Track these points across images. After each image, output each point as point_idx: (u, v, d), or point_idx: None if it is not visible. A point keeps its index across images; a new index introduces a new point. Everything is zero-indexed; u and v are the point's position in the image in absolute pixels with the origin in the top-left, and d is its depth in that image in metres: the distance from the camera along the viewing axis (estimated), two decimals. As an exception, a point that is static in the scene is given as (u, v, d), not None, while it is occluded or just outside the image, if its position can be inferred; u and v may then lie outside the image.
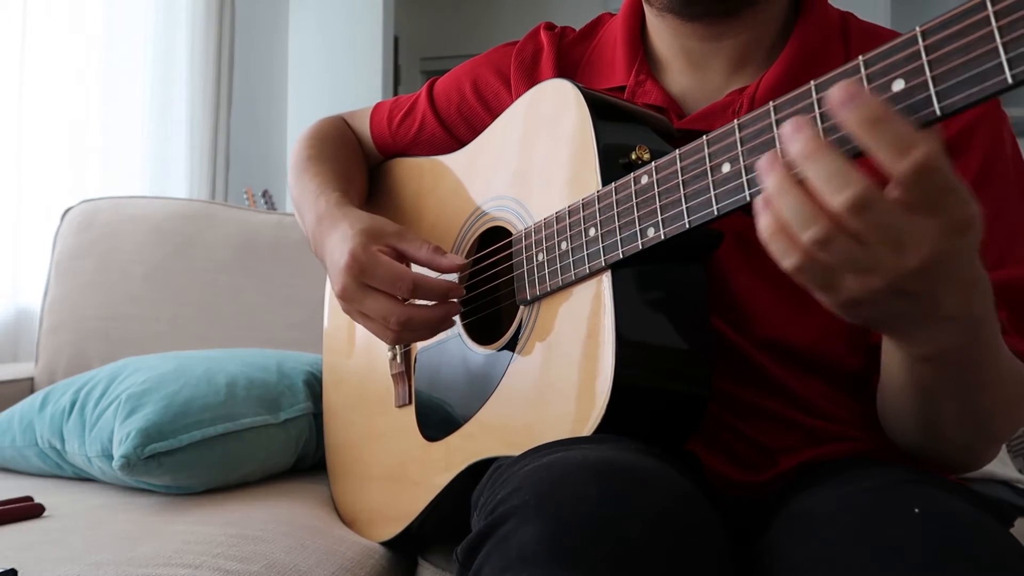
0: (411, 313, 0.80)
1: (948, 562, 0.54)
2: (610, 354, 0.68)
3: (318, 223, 0.90)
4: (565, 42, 0.95)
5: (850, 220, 0.48)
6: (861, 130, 0.47)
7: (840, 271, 0.51)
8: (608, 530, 0.54)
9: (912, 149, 0.46)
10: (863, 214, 0.48)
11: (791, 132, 0.50)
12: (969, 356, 0.61)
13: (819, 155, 0.49)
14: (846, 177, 0.48)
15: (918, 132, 0.47)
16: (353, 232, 0.82)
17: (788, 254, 0.51)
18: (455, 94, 1.01)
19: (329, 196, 0.92)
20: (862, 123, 0.47)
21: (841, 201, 0.48)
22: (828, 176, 0.48)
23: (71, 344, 1.54)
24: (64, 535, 0.89)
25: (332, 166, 1.02)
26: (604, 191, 0.70)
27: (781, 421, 0.79)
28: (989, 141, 0.76)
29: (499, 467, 0.71)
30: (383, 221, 0.85)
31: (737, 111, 0.80)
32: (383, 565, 0.94)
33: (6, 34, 1.88)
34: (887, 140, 0.47)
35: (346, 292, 0.81)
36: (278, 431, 1.13)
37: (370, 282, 0.80)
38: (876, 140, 0.47)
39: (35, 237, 1.90)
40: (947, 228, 0.49)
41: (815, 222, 0.49)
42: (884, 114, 0.47)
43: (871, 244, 0.49)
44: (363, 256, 0.80)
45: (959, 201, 0.49)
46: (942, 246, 0.49)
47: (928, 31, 0.48)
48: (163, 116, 2.51)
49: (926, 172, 0.47)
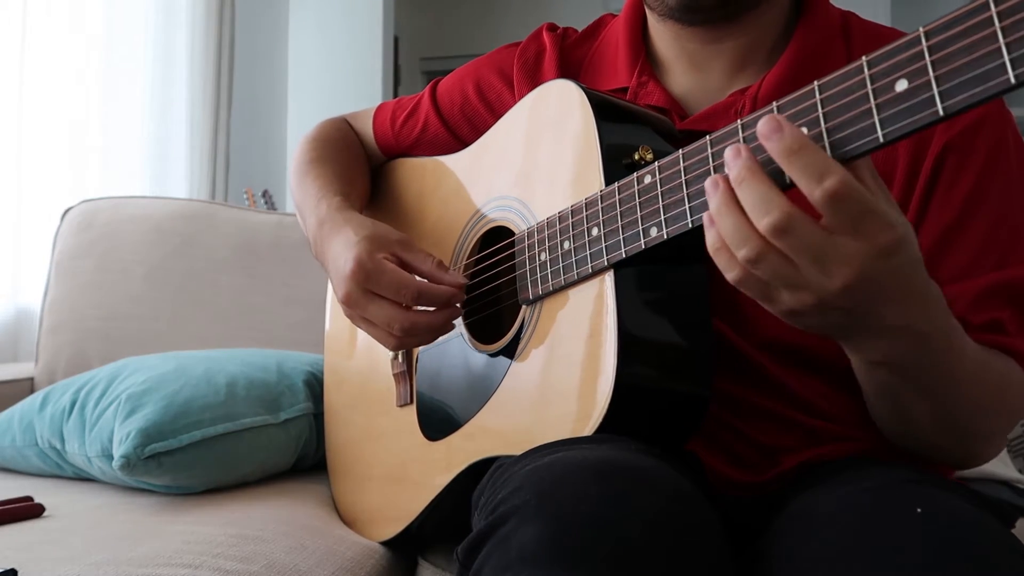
0: (414, 319, 0.80)
1: (949, 562, 0.54)
2: (612, 354, 0.68)
3: (319, 227, 0.91)
4: (567, 43, 0.96)
5: (775, 241, 0.53)
6: (782, 160, 0.52)
7: (774, 286, 0.55)
8: (608, 530, 0.54)
9: (825, 177, 0.51)
10: (785, 237, 0.52)
11: (731, 158, 0.55)
12: (921, 362, 0.64)
13: (749, 180, 0.53)
14: (770, 202, 0.52)
15: (832, 161, 0.51)
16: (358, 238, 0.82)
17: (728, 268, 0.57)
18: (458, 95, 1.01)
19: (331, 200, 0.93)
20: (782, 153, 0.52)
21: (765, 224, 0.52)
22: (755, 201, 0.53)
23: (71, 344, 1.54)
24: (64, 535, 0.89)
25: (334, 168, 1.02)
26: (607, 191, 0.70)
27: (781, 421, 0.79)
28: (993, 141, 0.76)
29: (500, 467, 0.71)
30: (387, 228, 0.85)
31: (739, 111, 0.80)
32: (383, 565, 0.94)
33: (6, 34, 1.88)
34: (802, 169, 0.51)
35: (350, 298, 0.82)
36: (278, 431, 1.13)
37: (374, 289, 0.80)
38: (794, 169, 0.52)
39: (35, 237, 1.90)
40: (872, 251, 0.53)
41: (747, 242, 0.54)
42: (801, 145, 0.51)
43: (798, 264, 0.53)
44: (368, 263, 0.80)
45: (882, 225, 0.53)
46: (867, 267, 0.53)
47: (932, 31, 0.48)
48: (163, 116, 2.51)
49: (838, 199, 0.51)
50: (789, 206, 0.52)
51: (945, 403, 0.68)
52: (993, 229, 0.75)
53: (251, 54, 3.12)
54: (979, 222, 0.75)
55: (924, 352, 0.63)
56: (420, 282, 0.80)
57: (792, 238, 0.52)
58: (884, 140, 0.51)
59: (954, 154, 0.76)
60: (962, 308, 0.73)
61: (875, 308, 0.57)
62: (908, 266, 0.56)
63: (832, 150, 0.53)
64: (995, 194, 0.76)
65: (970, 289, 0.74)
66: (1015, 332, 0.74)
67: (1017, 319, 0.74)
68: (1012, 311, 0.74)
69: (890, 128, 0.50)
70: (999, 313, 0.74)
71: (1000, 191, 0.76)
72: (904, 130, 0.50)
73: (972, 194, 0.75)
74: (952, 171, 0.76)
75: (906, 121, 0.49)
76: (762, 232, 0.53)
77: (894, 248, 0.53)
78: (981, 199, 0.75)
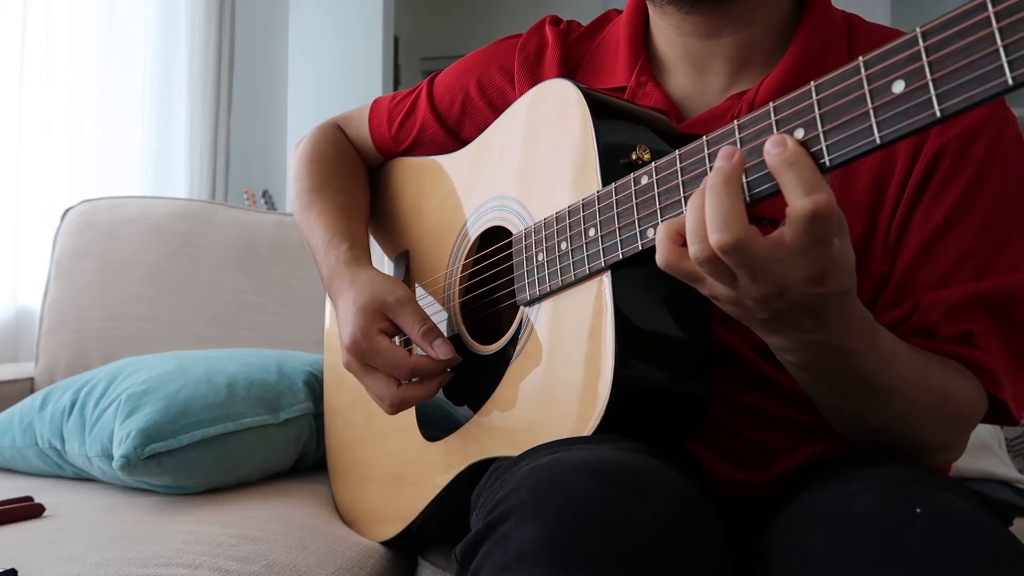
0: (405, 396, 0.84)
1: (949, 562, 0.54)
2: (610, 354, 0.68)
3: (331, 280, 0.93)
4: (571, 39, 0.95)
5: (721, 256, 0.56)
6: (778, 169, 0.54)
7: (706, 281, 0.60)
8: (607, 530, 0.54)
9: (814, 192, 0.53)
10: (730, 255, 0.56)
11: (720, 158, 0.57)
12: (836, 370, 0.67)
13: (719, 191, 0.56)
14: (727, 222, 0.55)
15: (824, 182, 0.54)
16: (355, 309, 0.85)
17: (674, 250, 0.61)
18: (459, 92, 1.00)
19: (339, 249, 0.94)
20: (782, 163, 0.54)
21: (715, 240, 0.55)
22: (714, 214, 0.55)
23: (71, 344, 1.54)
24: (64, 535, 0.89)
25: (336, 199, 1.02)
26: (604, 191, 0.70)
27: (780, 421, 0.79)
28: (989, 145, 0.75)
29: (499, 467, 0.71)
30: (385, 291, 0.86)
31: (737, 116, 0.79)
32: (383, 565, 0.94)
33: (6, 34, 1.88)
34: (796, 181, 0.53)
35: (350, 368, 0.87)
36: (278, 431, 1.13)
37: (371, 363, 0.84)
38: (788, 179, 0.54)
39: (35, 237, 1.90)
40: (805, 277, 0.57)
41: (699, 243, 0.57)
42: (798, 158, 0.54)
43: (737, 275, 0.57)
44: (363, 342, 0.84)
45: (825, 256, 0.56)
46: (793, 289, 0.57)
47: (929, 32, 0.48)
48: (163, 116, 2.52)
49: (818, 217, 0.53)
50: (743, 230, 0.55)
51: (866, 408, 0.71)
52: (976, 239, 0.75)
53: (251, 54, 3.12)
54: (962, 231, 0.75)
55: (839, 363, 0.66)
56: (413, 361, 0.83)
57: (737, 256, 0.55)
58: (881, 142, 0.51)
59: (947, 158, 0.75)
60: (935, 318, 0.74)
61: (787, 318, 0.61)
62: (836, 297, 0.60)
63: (829, 152, 0.53)
64: (983, 203, 0.75)
65: (945, 299, 0.74)
66: (983, 345, 0.74)
67: (990, 330, 0.74)
68: (990, 321, 0.74)
69: (887, 130, 0.50)
70: (972, 324, 0.74)
71: (989, 198, 0.75)
72: (901, 132, 0.50)
73: (959, 203, 0.75)
74: (943, 176, 0.75)
75: (904, 123, 0.49)
76: (712, 245, 0.56)
77: (821, 279, 0.57)
78: (968, 208, 0.75)
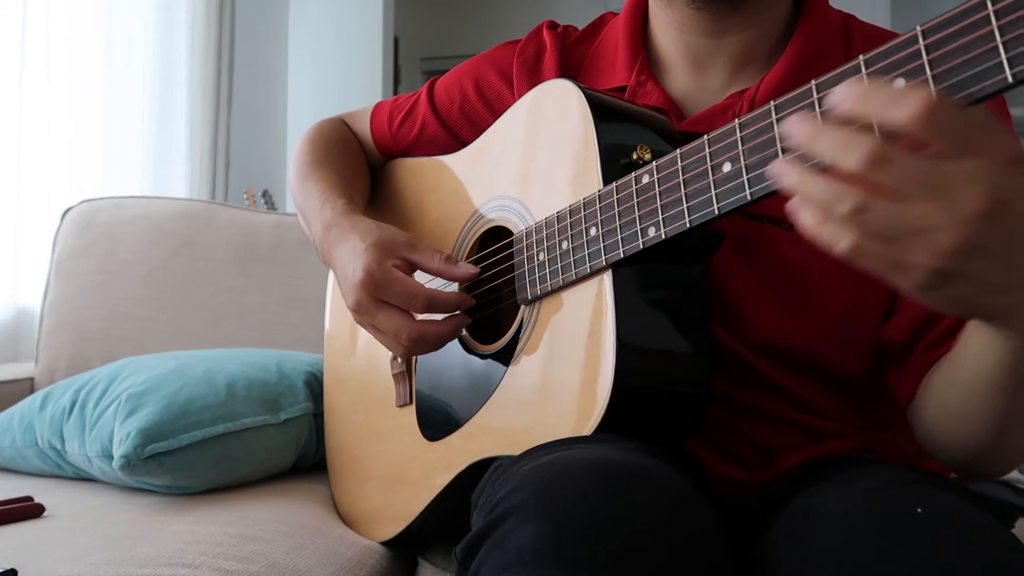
0: (422, 329, 0.80)
1: (949, 562, 0.54)
2: (611, 354, 0.68)
3: (326, 232, 0.90)
4: (568, 42, 0.95)
5: (876, 176, 0.46)
6: (859, 107, 0.47)
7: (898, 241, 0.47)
8: (607, 530, 0.54)
9: (904, 99, 0.45)
10: (884, 167, 0.45)
11: (794, 126, 0.49)
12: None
13: (823, 133, 0.48)
14: (853, 141, 0.46)
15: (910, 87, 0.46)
16: (365, 246, 0.82)
17: (838, 237, 0.48)
18: (457, 94, 1.01)
19: (335, 203, 0.92)
20: (858, 100, 0.47)
21: (855, 160, 0.46)
22: (837, 146, 0.47)
23: (71, 344, 1.54)
24: (64, 535, 0.89)
25: (335, 170, 1.02)
26: (605, 190, 0.70)
27: (780, 421, 0.79)
28: None
29: (499, 467, 0.71)
30: (393, 231, 0.85)
31: (737, 113, 0.79)
32: (383, 565, 0.94)
33: (6, 34, 1.88)
34: (880, 102, 0.46)
35: (360, 307, 0.82)
36: (278, 431, 1.13)
37: (384, 297, 0.80)
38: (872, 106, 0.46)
39: (35, 237, 1.90)
40: (997, 164, 0.45)
41: (845, 194, 0.47)
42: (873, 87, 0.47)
43: (912, 198, 0.45)
44: (377, 273, 0.80)
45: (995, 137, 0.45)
46: (1001, 184, 0.45)
47: (928, 30, 0.48)
48: (163, 116, 2.52)
49: (929, 115, 0.44)
50: (876, 139, 0.45)
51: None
52: None
53: (251, 54, 3.12)
54: None
55: None
56: (429, 291, 0.80)
57: (893, 166, 0.45)
58: (882, 139, 0.50)
59: None
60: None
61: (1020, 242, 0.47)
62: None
63: None
64: None
65: None
66: None
67: None
68: None
69: (888, 128, 0.50)
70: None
71: None
72: (902, 129, 0.49)
73: None
74: None
75: (904, 121, 0.49)
76: (857, 171, 0.46)
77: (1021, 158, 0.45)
78: None
